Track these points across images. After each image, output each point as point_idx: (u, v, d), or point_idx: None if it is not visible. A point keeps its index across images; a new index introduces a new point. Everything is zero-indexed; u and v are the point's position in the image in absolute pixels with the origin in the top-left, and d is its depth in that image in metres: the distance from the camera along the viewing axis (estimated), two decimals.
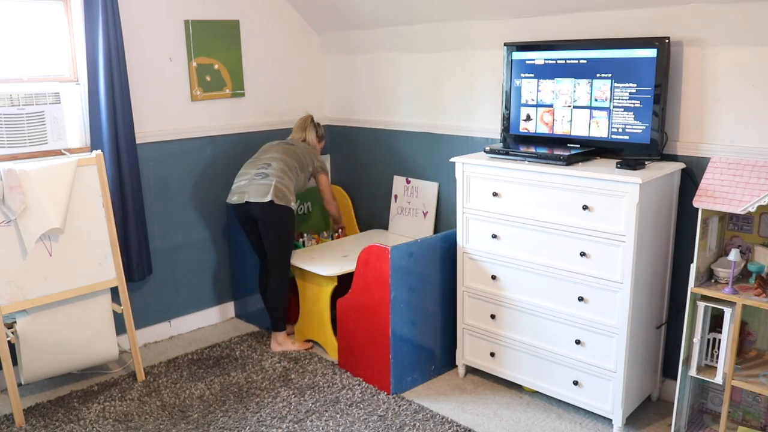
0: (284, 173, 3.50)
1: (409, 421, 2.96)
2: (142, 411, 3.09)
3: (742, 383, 2.46)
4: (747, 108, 2.66)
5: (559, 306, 2.89)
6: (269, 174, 3.46)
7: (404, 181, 4.05)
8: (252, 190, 3.43)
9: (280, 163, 3.52)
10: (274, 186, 3.41)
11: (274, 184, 3.42)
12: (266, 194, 3.39)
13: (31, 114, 3.14)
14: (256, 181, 3.45)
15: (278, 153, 3.59)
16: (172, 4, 3.64)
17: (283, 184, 3.45)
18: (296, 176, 3.58)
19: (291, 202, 3.47)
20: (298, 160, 3.63)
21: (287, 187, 3.46)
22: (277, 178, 3.44)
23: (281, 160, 3.55)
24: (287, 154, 3.61)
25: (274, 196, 3.39)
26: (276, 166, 3.50)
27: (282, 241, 3.51)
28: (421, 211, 3.96)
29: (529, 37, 3.20)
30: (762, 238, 2.61)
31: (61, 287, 3.06)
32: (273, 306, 3.61)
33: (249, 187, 3.45)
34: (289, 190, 3.46)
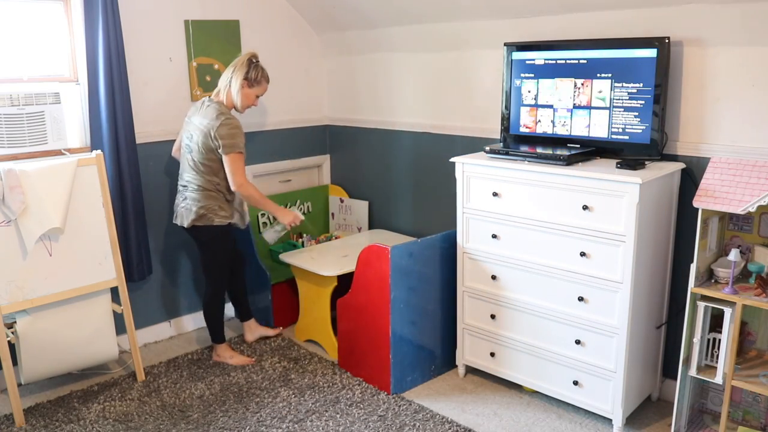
0: (201, 189, 3.26)
1: (409, 421, 2.96)
2: (142, 411, 3.09)
3: (742, 383, 2.46)
4: (747, 108, 2.66)
5: (559, 306, 2.89)
6: (187, 196, 3.30)
7: (338, 201, 4.42)
8: (178, 213, 3.36)
9: (196, 175, 3.26)
10: (191, 210, 3.27)
11: (191, 208, 3.27)
12: (184, 219, 3.31)
13: (31, 114, 3.14)
14: (180, 204, 3.35)
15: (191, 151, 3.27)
16: (172, 4, 3.64)
17: (202, 205, 3.26)
18: (215, 178, 3.26)
19: (215, 219, 3.29)
20: (206, 149, 3.22)
21: (208, 206, 3.27)
22: (193, 201, 3.27)
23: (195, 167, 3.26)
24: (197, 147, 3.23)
25: (191, 221, 3.28)
26: (192, 180, 3.28)
27: (212, 258, 3.41)
28: (356, 227, 4.34)
29: (529, 37, 3.20)
30: (762, 238, 2.61)
31: (61, 287, 3.06)
32: (206, 319, 3.54)
33: (177, 209, 3.37)
34: (210, 207, 3.27)
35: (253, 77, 3.29)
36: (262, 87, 3.36)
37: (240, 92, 3.27)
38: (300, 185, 4.43)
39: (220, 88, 3.32)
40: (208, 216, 3.28)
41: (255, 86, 3.32)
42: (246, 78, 3.27)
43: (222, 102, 3.29)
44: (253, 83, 3.31)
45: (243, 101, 3.30)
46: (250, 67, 3.28)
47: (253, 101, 3.36)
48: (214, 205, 3.28)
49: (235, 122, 3.23)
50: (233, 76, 3.27)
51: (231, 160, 3.20)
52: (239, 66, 3.27)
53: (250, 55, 3.31)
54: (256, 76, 3.30)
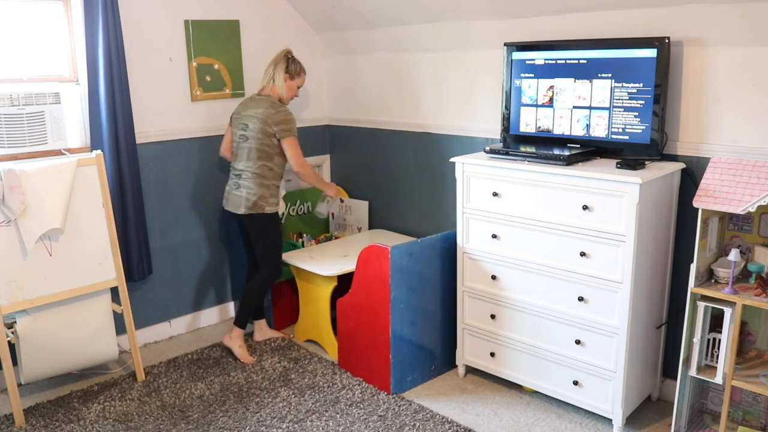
0: (255, 176, 3.42)
1: (409, 421, 2.96)
2: (142, 411, 3.09)
3: (742, 383, 2.46)
4: (747, 108, 2.66)
5: (559, 306, 2.89)
6: (241, 184, 3.45)
7: (338, 201, 4.40)
8: (230, 200, 3.51)
9: (250, 162, 3.42)
10: (245, 198, 3.42)
11: (245, 196, 3.42)
12: (239, 207, 3.45)
13: (31, 114, 3.14)
14: (233, 191, 3.49)
15: (247, 139, 3.43)
16: (172, 4, 3.64)
17: (255, 193, 3.41)
18: (269, 164, 3.44)
19: (266, 208, 3.45)
20: (264, 135, 3.40)
21: (260, 194, 3.42)
22: (247, 189, 3.42)
23: (250, 154, 3.41)
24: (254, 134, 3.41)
25: (246, 209, 3.43)
26: (246, 168, 3.43)
27: (266, 246, 3.53)
28: (356, 227, 4.34)
29: (529, 37, 3.20)
30: (762, 238, 2.61)
31: (61, 287, 3.06)
32: (246, 299, 3.59)
33: (228, 196, 3.53)
34: (263, 195, 3.43)
35: (293, 70, 3.52)
36: (301, 78, 3.59)
37: (284, 85, 3.49)
38: (300, 185, 4.43)
39: (263, 85, 3.52)
40: (260, 204, 3.43)
41: (296, 78, 3.55)
42: (287, 72, 3.50)
43: (270, 95, 3.49)
44: (294, 76, 3.53)
45: (287, 93, 3.52)
46: (288, 62, 3.51)
47: (295, 92, 3.58)
48: (266, 193, 3.44)
49: (288, 111, 3.46)
50: (275, 72, 3.49)
51: (289, 143, 3.42)
52: (279, 62, 3.49)
53: (286, 51, 3.53)
54: (296, 69, 3.53)
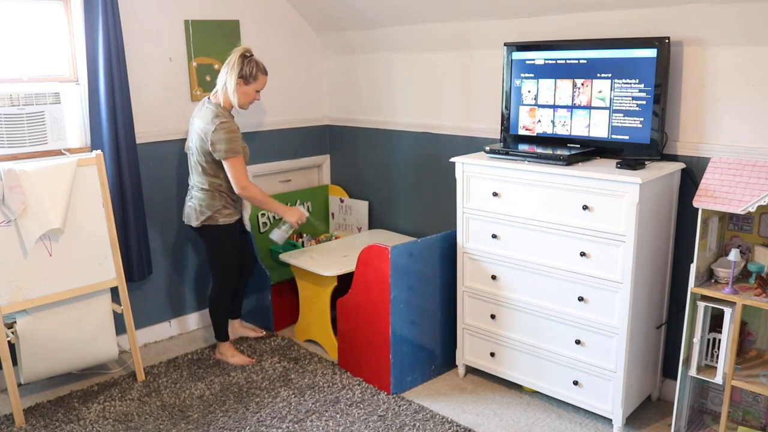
0: (206, 191, 3.28)
1: (409, 421, 2.96)
2: (142, 411, 3.09)
3: (742, 383, 2.46)
4: (747, 108, 2.66)
5: (559, 306, 2.89)
6: (193, 196, 3.34)
7: (338, 201, 4.41)
8: (186, 213, 3.39)
9: (199, 177, 3.29)
10: (196, 210, 3.30)
11: (195, 207, 3.31)
12: (190, 218, 3.34)
13: (31, 114, 3.14)
14: (187, 203, 3.39)
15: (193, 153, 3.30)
16: (172, 4, 3.64)
17: (207, 204, 3.28)
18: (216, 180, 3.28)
19: (218, 220, 3.30)
20: (203, 153, 3.23)
21: (212, 205, 3.28)
22: (198, 200, 3.29)
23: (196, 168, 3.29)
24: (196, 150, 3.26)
25: (197, 220, 3.31)
26: (196, 183, 3.31)
27: (216, 258, 3.41)
28: (356, 227, 4.35)
29: (529, 37, 3.20)
30: (762, 238, 2.61)
31: (61, 287, 3.06)
32: (210, 314, 3.57)
33: (185, 208, 3.40)
34: (211, 205, 3.28)
35: (248, 73, 3.20)
36: (259, 82, 3.27)
37: (236, 91, 3.21)
38: (300, 185, 4.43)
39: (217, 89, 3.26)
40: (213, 216, 3.29)
41: (252, 82, 3.24)
42: (241, 76, 3.19)
43: (219, 103, 3.24)
44: (250, 80, 3.23)
45: (242, 99, 3.25)
46: (243, 64, 3.18)
47: (253, 97, 3.30)
48: (218, 205, 3.29)
49: (229, 125, 3.17)
50: (228, 76, 3.19)
51: (230, 165, 3.19)
52: (232, 65, 3.19)
53: (243, 51, 3.21)
54: (251, 72, 3.21)
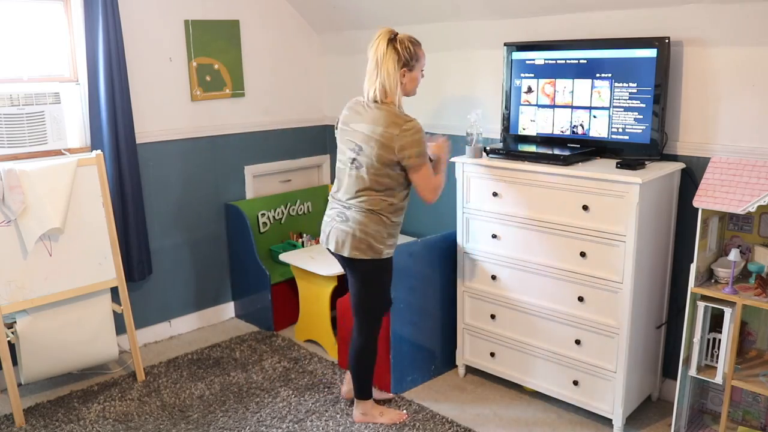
0: (370, 212, 2.65)
1: (409, 421, 2.96)
2: (142, 411, 3.09)
3: (742, 383, 2.46)
4: (747, 108, 2.66)
5: (559, 306, 2.89)
6: (349, 217, 2.68)
7: None
8: (332, 236, 2.73)
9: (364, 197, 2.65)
10: (352, 235, 2.66)
11: (351, 233, 2.66)
12: (343, 246, 2.68)
13: (31, 114, 3.14)
14: (336, 225, 2.72)
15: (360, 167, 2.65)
16: (172, 4, 3.64)
17: (367, 231, 2.65)
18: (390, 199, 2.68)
19: (381, 252, 2.69)
20: (383, 164, 2.61)
21: (374, 233, 2.66)
22: (358, 225, 2.65)
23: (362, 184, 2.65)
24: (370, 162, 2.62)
25: (354, 250, 2.67)
26: (357, 203, 2.67)
27: (367, 300, 2.80)
28: None
29: (529, 37, 3.20)
30: (762, 238, 2.61)
31: (61, 287, 3.06)
32: (355, 370, 2.90)
33: (329, 229, 2.75)
34: (377, 235, 2.66)
35: (408, 58, 2.63)
36: (421, 60, 2.69)
37: (403, 83, 2.65)
38: (300, 185, 4.43)
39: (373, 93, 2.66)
40: (376, 247, 2.67)
41: (416, 64, 2.67)
42: (403, 65, 2.63)
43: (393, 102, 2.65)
44: (413, 62, 2.65)
45: (411, 87, 2.71)
46: (397, 51, 2.60)
47: (419, 80, 2.74)
48: (383, 232, 2.68)
49: (415, 127, 2.60)
50: (382, 71, 2.62)
51: (422, 175, 2.64)
52: (383, 56, 2.61)
53: (387, 35, 2.62)
54: (410, 54, 2.63)
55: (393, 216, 2.71)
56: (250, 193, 4.14)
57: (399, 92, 2.65)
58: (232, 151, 4.02)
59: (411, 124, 2.61)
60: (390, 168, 2.63)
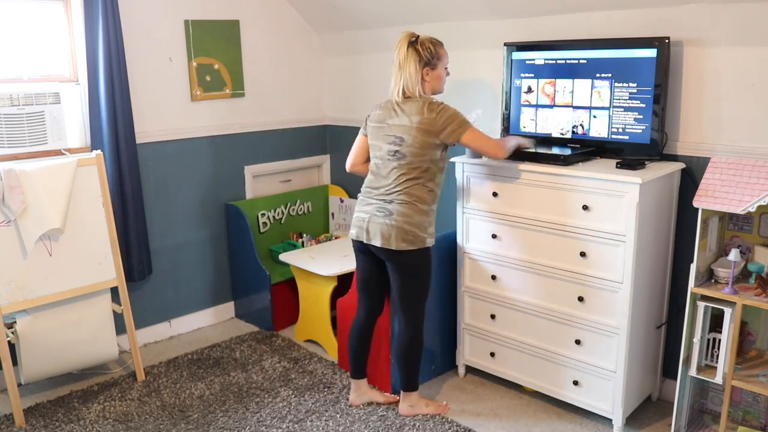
0: (412, 201, 2.72)
1: (409, 421, 2.96)
2: (142, 411, 3.09)
3: (742, 383, 2.46)
4: (747, 108, 2.66)
5: (559, 306, 2.89)
6: (392, 211, 2.72)
7: (338, 201, 4.37)
8: (372, 230, 2.76)
9: (407, 184, 2.73)
10: (398, 228, 2.70)
11: (398, 225, 2.70)
12: (390, 239, 2.71)
13: (31, 114, 3.14)
14: (378, 219, 2.75)
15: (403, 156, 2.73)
16: (172, 4, 3.64)
17: (412, 222, 2.71)
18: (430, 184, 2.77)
19: (425, 241, 2.76)
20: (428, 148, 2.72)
21: (418, 223, 2.73)
22: (403, 217, 2.70)
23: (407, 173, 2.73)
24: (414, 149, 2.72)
25: (400, 242, 2.71)
26: (400, 190, 2.73)
27: (415, 290, 2.83)
28: None
29: (529, 37, 3.20)
30: (762, 238, 2.61)
31: (61, 287, 3.06)
32: (405, 362, 2.95)
33: (369, 224, 2.77)
34: (421, 225, 2.73)
35: (429, 57, 2.73)
36: (443, 59, 2.79)
37: (426, 82, 2.76)
38: (300, 185, 4.43)
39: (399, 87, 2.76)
40: (420, 236, 2.73)
41: (438, 62, 2.76)
42: (425, 64, 2.73)
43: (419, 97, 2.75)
44: (434, 61, 2.75)
45: (437, 85, 2.81)
46: (418, 52, 2.71)
47: (445, 77, 2.84)
48: (425, 222, 2.75)
49: (446, 105, 2.73)
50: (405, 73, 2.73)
51: (472, 135, 2.73)
52: (406, 59, 2.72)
53: (407, 39, 2.73)
54: (431, 53, 2.73)
55: (433, 204, 2.82)
56: (250, 193, 4.14)
57: (420, 89, 2.76)
58: (232, 151, 4.02)
59: (443, 105, 2.74)
60: (433, 151, 2.74)
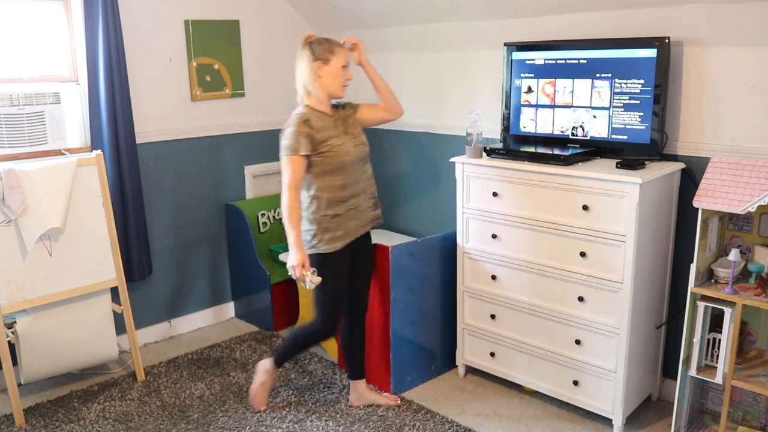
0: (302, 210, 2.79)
1: (409, 421, 2.96)
2: (142, 411, 3.09)
3: (742, 383, 2.46)
4: (747, 108, 2.66)
5: (559, 306, 2.89)
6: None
7: None
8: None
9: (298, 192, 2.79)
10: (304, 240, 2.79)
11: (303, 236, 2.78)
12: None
13: (31, 114, 3.14)
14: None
15: None
16: (172, 4, 3.64)
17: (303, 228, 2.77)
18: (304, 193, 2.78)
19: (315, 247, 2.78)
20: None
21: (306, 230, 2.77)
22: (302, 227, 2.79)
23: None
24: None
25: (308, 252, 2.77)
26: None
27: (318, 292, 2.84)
28: None
29: (529, 37, 3.20)
30: (762, 238, 2.61)
31: (61, 287, 3.06)
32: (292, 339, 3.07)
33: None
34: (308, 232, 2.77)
35: (321, 52, 2.71)
36: (339, 55, 2.74)
37: (320, 79, 2.73)
38: None
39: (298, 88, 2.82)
40: (309, 242, 2.76)
41: (332, 57, 2.72)
42: (317, 58, 2.71)
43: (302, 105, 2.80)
44: (327, 55, 2.71)
45: (332, 84, 2.75)
46: (311, 47, 2.72)
47: (342, 77, 2.77)
48: (311, 229, 2.76)
49: (293, 121, 2.71)
50: (300, 69, 2.76)
51: (282, 162, 2.72)
52: (299, 57, 2.76)
53: (305, 38, 2.76)
54: (324, 48, 2.72)
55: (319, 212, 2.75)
56: (250, 193, 4.14)
57: (316, 90, 2.74)
58: (232, 151, 4.02)
59: (292, 120, 2.73)
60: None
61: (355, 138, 2.85)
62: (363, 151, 2.87)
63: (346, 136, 2.82)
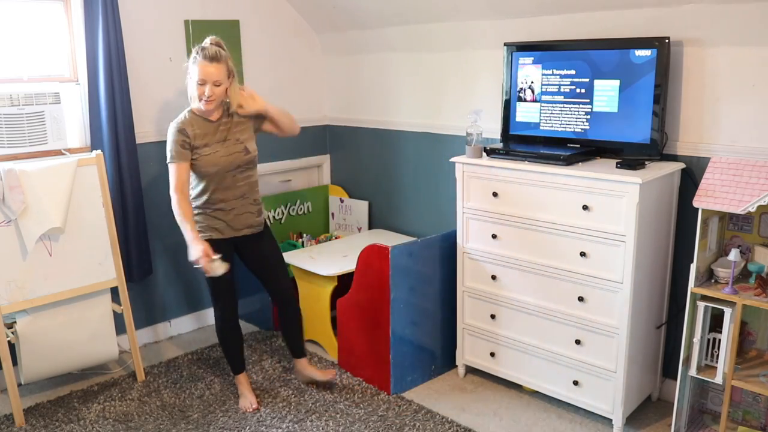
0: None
1: (409, 421, 2.96)
2: (142, 411, 3.09)
3: (742, 383, 2.46)
4: (747, 108, 2.66)
5: (559, 306, 2.89)
6: None
7: (338, 201, 4.38)
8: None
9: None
10: None
11: None
12: None
13: (31, 114, 3.14)
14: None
15: None
16: (172, 4, 3.64)
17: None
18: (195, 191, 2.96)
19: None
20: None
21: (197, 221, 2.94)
22: None
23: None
24: None
25: None
26: None
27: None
28: (356, 227, 4.33)
29: (529, 37, 3.20)
30: (762, 238, 2.61)
31: (61, 287, 3.06)
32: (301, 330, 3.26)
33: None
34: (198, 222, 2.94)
35: (191, 59, 2.71)
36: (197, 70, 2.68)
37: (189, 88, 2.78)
38: (300, 185, 4.43)
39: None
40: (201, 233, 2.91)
41: (191, 73, 2.73)
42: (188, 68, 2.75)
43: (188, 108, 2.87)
44: (191, 63, 2.71)
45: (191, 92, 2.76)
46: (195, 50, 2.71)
47: (198, 93, 2.72)
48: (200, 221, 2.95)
49: (171, 127, 2.80)
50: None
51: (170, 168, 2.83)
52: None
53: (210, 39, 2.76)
54: (192, 57, 2.71)
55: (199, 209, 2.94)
56: None
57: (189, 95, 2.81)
58: None
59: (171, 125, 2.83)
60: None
61: (234, 145, 2.86)
62: (238, 160, 2.87)
63: (221, 144, 2.84)
